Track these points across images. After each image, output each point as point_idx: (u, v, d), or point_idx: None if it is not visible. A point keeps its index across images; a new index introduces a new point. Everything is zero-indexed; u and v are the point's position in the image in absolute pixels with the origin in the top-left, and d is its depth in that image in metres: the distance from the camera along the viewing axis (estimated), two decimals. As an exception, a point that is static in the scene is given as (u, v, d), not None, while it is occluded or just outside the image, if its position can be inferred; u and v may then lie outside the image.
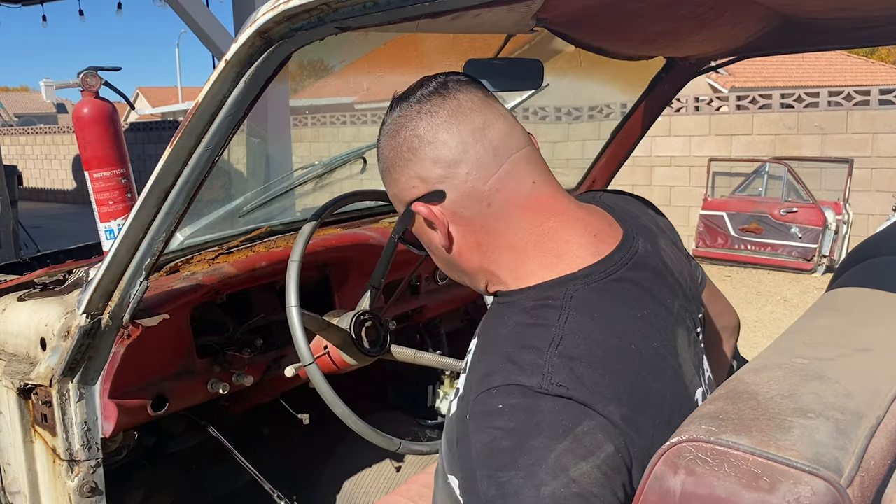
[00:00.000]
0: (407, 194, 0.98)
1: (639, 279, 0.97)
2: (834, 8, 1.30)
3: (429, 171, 0.95)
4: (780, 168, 8.40)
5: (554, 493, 0.77)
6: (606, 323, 0.90)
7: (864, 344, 0.99)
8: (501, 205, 0.95)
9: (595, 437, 0.81)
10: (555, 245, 0.95)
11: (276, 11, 0.97)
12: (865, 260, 1.41)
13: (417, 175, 0.96)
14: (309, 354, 1.40)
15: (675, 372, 0.96)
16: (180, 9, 7.40)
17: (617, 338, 0.90)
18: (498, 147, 0.94)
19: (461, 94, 0.96)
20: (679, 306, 1.03)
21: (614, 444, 0.82)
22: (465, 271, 1.02)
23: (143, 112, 24.62)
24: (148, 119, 21.28)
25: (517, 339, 0.88)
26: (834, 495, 0.70)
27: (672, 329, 0.99)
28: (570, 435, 0.80)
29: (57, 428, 1.41)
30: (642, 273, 0.98)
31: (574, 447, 0.79)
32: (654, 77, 1.99)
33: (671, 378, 0.94)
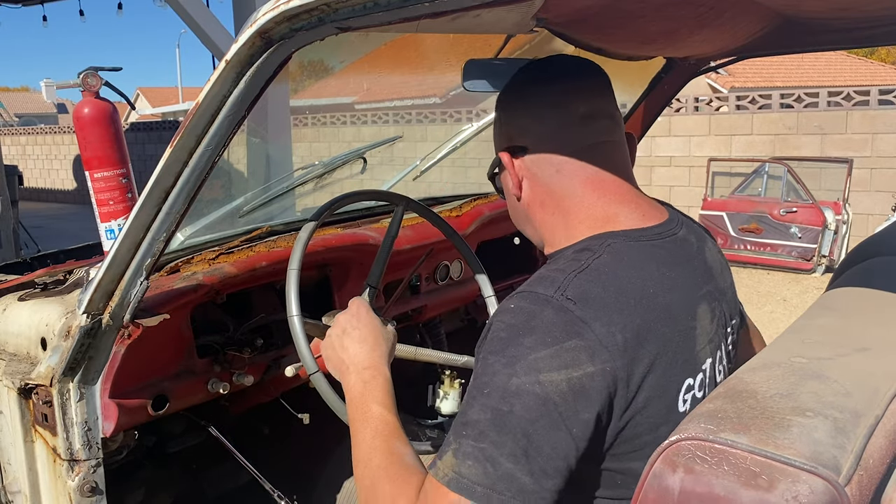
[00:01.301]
0: (501, 141, 1.18)
1: (673, 249, 1.09)
2: (834, 8, 1.30)
3: (521, 129, 1.14)
4: (779, 168, 8.40)
5: (519, 386, 0.90)
6: (633, 268, 1.01)
7: (863, 343, 0.99)
8: (568, 174, 1.10)
9: (577, 355, 0.91)
10: (604, 214, 1.08)
11: (277, 12, 0.97)
12: (865, 260, 1.42)
13: (512, 128, 1.15)
14: (313, 363, 1.40)
15: (687, 329, 1.03)
16: (180, 9, 7.40)
17: (640, 280, 1.00)
18: (583, 131, 1.10)
19: (573, 84, 1.14)
20: (708, 291, 1.12)
21: (598, 367, 0.91)
22: (529, 221, 1.17)
23: (143, 112, 24.63)
24: (148, 119, 21.28)
25: (551, 267, 1.02)
26: (832, 494, 0.71)
27: (696, 299, 1.08)
28: (556, 346, 0.91)
29: (57, 427, 1.41)
30: (677, 248, 1.10)
31: (554, 357, 0.91)
32: (654, 77, 1.99)
33: (681, 331, 1.02)
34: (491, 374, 0.93)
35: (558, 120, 1.11)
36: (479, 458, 0.89)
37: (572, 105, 1.11)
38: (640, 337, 0.95)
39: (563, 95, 1.12)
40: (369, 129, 12.61)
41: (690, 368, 1.03)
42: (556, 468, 0.89)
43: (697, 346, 1.05)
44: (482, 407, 0.92)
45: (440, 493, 0.91)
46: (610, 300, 0.95)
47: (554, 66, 1.18)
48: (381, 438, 1.06)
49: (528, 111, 1.14)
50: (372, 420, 1.10)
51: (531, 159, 1.12)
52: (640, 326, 0.96)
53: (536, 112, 1.13)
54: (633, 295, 0.98)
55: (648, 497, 0.80)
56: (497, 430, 0.90)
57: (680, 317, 1.03)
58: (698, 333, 1.05)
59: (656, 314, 0.99)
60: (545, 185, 1.11)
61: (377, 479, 1.01)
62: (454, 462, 0.91)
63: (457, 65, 1.63)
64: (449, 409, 1.88)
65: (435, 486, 0.92)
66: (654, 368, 0.96)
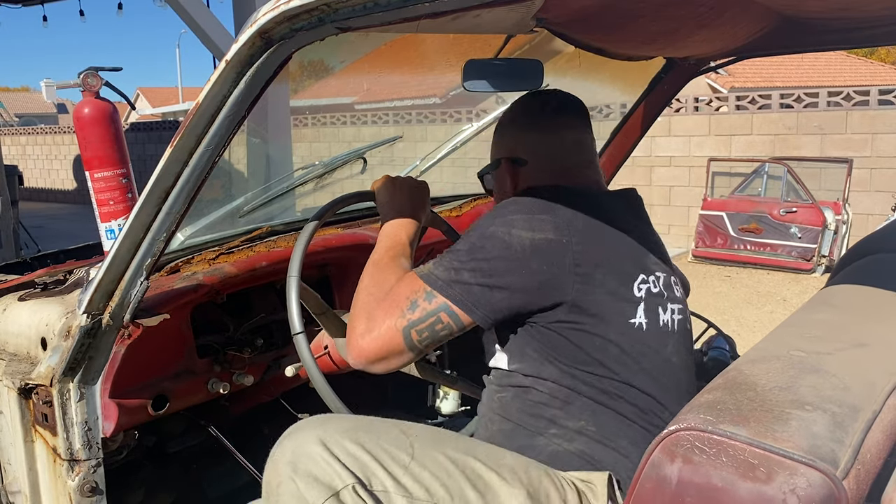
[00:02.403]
0: (502, 150, 1.49)
1: (638, 205, 1.47)
2: (834, 8, 1.30)
3: (524, 146, 1.46)
4: (779, 168, 8.40)
5: (494, 232, 1.24)
6: (599, 198, 1.38)
7: (861, 339, 1.00)
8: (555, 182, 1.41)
9: (544, 225, 1.25)
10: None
11: (277, 12, 0.97)
12: (864, 257, 1.42)
13: (516, 144, 1.47)
14: (300, 324, 1.39)
15: (641, 250, 1.35)
16: (181, 9, 7.40)
17: (607, 205, 1.37)
18: (570, 154, 1.45)
19: (567, 118, 1.46)
20: (659, 247, 1.43)
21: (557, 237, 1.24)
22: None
23: (143, 112, 24.63)
24: (148, 119, 21.28)
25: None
26: (829, 487, 0.71)
27: (651, 241, 1.40)
28: (529, 214, 1.26)
29: (57, 427, 1.41)
30: (640, 207, 1.47)
31: (526, 221, 1.25)
32: (653, 77, 1.99)
33: (635, 248, 1.34)
34: (478, 224, 1.28)
35: (555, 145, 1.44)
36: (449, 267, 1.24)
37: (568, 135, 1.45)
38: (598, 234, 1.29)
39: (563, 127, 1.45)
40: (369, 129, 12.61)
41: (642, 268, 1.33)
42: (501, 292, 1.21)
43: (650, 261, 1.35)
44: (464, 242, 1.26)
45: (412, 281, 1.25)
46: (578, 205, 1.29)
47: (556, 100, 1.48)
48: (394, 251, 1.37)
49: (532, 134, 1.45)
50: (398, 244, 1.39)
51: (529, 169, 1.45)
52: (599, 227, 1.29)
53: (539, 137, 1.45)
54: (597, 210, 1.31)
55: (646, 486, 0.80)
56: (468, 255, 1.24)
57: (636, 241, 1.34)
58: (650, 261, 1.35)
59: (617, 232, 1.32)
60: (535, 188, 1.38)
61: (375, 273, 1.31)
62: (432, 266, 1.25)
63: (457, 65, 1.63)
64: (449, 408, 1.88)
65: (411, 276, 1.26)
66: (608, 259, 1.27)
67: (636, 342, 1.28)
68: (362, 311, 1.26)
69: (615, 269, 1.28)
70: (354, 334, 1.24)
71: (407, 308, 1.21)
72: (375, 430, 1.16)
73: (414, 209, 1.49)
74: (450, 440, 1.21)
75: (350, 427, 1.14)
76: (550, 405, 1.27)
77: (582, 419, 1.26)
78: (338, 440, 1.10)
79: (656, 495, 0.80)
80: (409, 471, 1.10)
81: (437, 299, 1.21)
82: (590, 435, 1.26)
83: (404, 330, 1.21)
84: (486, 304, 1.21)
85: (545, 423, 1.28)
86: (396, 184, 1.54)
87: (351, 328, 1.25)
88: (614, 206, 1.39)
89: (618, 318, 1.27)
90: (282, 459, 1.12)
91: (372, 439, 1.12)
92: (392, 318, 1.22)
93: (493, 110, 2.48)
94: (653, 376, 1.28)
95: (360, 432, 1.13)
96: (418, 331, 1.21)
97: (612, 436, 1.26)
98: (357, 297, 1.30)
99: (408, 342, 1.21)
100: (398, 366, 1.26)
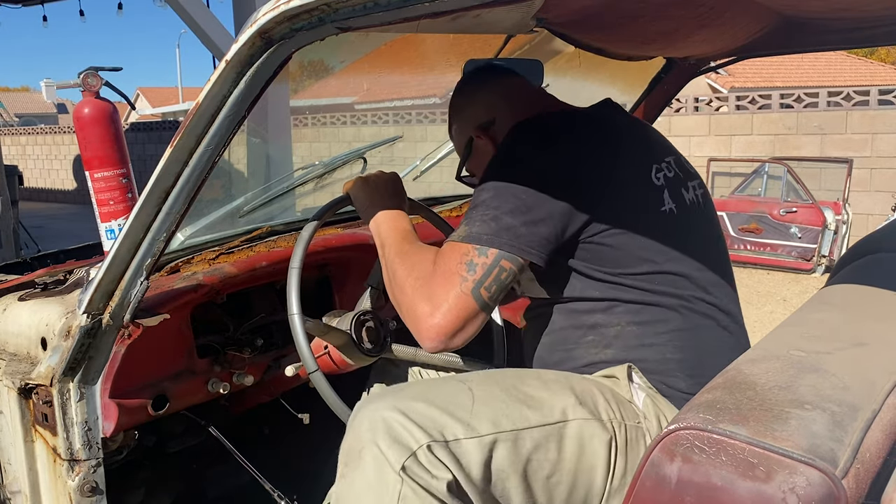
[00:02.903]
0: (468, 128, 1.52)
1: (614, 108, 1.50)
2: (834, 8, 1.30)
3: (487, 106, 1.50)
4: (779, 168, 8.40)
5: (511, 171, 1.28)
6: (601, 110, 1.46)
7: (861, 338, 1.00)
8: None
9: (556, 146, 1.31)
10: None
11: (277, 12, 0.97)
12: (864, 256, 1.42)
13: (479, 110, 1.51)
14: (313, 362, 1.40)
15: (649, 148, 1.42)
16: (180, 9, 7.40)
17: (608, 113, 1.46)
18: (528, 88, 1.53)
19: (494, 70, 1.56)
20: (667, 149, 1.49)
21: (577, 154, 1.30)
22: None
23: (143, 112, 24.62)
24: (148, 119, 21.27)
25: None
26: (829, 486, 0.71)
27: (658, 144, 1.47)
28: (537, 142, 1.33)
29: (57, 427, 1.41)
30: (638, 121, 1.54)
31: (537, 149, 1.31)
32: (654, 77, 1.99)
33: (633, 137, 1.42)
34: (490, 172, 1.30)
35: (504, 90, 1.50)
36: (485, 220, 1.24)
37: (507, 80, 1.52)
38: (604, 139, 1.34)
39: (499, 74, 1.54)
40: (369, 129, 12.60)
41: (653, 159, 1.38)
42: (545, 223, 1.24)
43: (656, 151, 1.42)
44: (485, 192, 1.27)
45: (454, 248, 1.25)
46: (573, 121, 1.38)
47: (475, 64, 1.58)
48: (409, 238, 1.38)
49: (481, 95, 1.51)
50: (407, 233, 1.40)
51: (499, 123, 1.48)
52: (603, 134, 1.36)
53: (487, 92, 1.51)
54: (592, 120, 1.40)
55: (646, 485, 0.80)
56: (499, 200, 1.24)
57: (637, 137, 1.42)
58: (657, 150, 1.42)
59: (619, 134, 1.38)
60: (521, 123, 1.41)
61: (405, 262, 1.31)
62: (466, 228, 1.25)
63: (457, 65, 1.63)
64: None
65: (451, 245, 1.26)
66: (623, 159, 1.33)
67: (672, 227, 1.34)
68: (418, 296, 1.25)
69: (633, 167, 1.34)
70: (421, 319, 1.23)
71: (466, 272, 1.22)
72: (437, 386, 1.23)
73: (398, 202, 1.49)
74: (499, 376, 1.29)
75: (418, 390, 1.22)
76: (594, 311, 1.34)
77: (622, 322, 1.32)
78: (409, 403, 1.16)
79: (656, 494, 0.80)
80: (474, 412, 1.16)
81: (491, 251, 1.23)
82: (627, 335, 1.32)
83: (473, 292, 1.22)
84: (537, 241, 1.24)
85: (584, 331, 1.35)
86: (370, 182, 1.53)
87: (414, 317, 1.25)
88: (603, 112, 1.45)
89: (651, 209, 1.33)
90: (361, 427, 1.17)
91: (438, 395, 1.18)
92: (455, 287, 1.22)
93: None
94: (692, 257, 1.34)
95: (428, 391, 1.20)
96: (486, 287, 1.23)
97: (650, 333, 1.32)
98: (401, 289, 1.29)
99: (480, 302, 1.23)
100: (475, 331, 1.26)
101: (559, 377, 1.28)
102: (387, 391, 1.26)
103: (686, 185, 1.43)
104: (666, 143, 1.51)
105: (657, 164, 1.39)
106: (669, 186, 1.37)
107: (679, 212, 1.36)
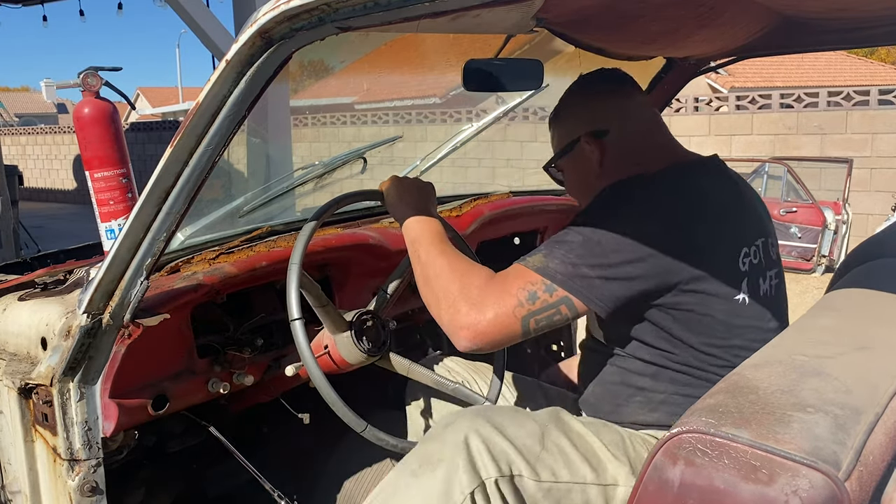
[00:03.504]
0: (577, 129, 1.51)
1: (727, 171, 1.50)
2: (834, 8, 1.30)
3: (603, 116, 1.49)
4: (779, 168, 8.39)
5: (607, 226, 1.28)
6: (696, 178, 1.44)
7: (863, 343, 1.00)
8: (642, 139, 1.49)
9: (654, 213, 1.31)
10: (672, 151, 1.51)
11: (277, 11, 0.97)
12: (865, 262, 1.42)
13: (595, 116, 1.50)
14: (314, 363, 1.41)
15: (740, 218, 1.41)
16: (180, 9, 7.40)
17: (707, 184, 1.43)
18: (645, 113, 1.52)
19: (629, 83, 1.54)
20: (754, 206, 1.48)
21: (671, 226, 1.30)
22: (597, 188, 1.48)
23: (143, 112, 24.64)
24: (148, 119, 21.29)
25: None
26: (832, 488, 0.71)
27: (745, 207, 1.45)
28: (637, 204, 1.33)
29: (57, 427, 1.41)
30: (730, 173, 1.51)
31: (636, 211, 1.32)
32: (654, 77, 1.99)
33: (734, 218, 1.39)
34: (587, 216, 1.32)
35: (630, 107, 1.50)
36: (566, 261, 1.27)
37: (636, 96, 1.52)
38: (702, 213, 1.33)
39: (631, 88, 1.52)
40: (369, 129, 12.61)
41: (744, 240, 1.38)
42: (620, 283, 1.26)
43: (749, 230, 1.42)
44: (575, 234, 1.30)
45: (523, 273, 1.29)
46: (678, 189, 1.36)
47: (613, 71, 1.54)
48: (448, 244, 1.42)
49: (610, 100, 1.50)
50: (440, 232, 1.44)
51: (613, 137, 1.47)
52: (702, 207, 1.35)
53: (616, 101, 1.50)
54: (697, 189, 1.38)
55: (649, 489, 0.80)
56: (584, 249, 1.27)
57: (735, 212, 1.40)
58: (750, 230, 1.41)
59: (718, 207, 1.37)
60: (626, 152, 1.46)
61: (453, 262, 1.36)
62: (544, 259, 1.29)
63: (457, 65, 1.63)
64: None
65: (520, 269, 1.30)
66: (714, 238, 1.32)
67: (740, 318, 1.35)
68: (462, 296, 1.29)
69: (722, 247, 1.34)
70: (459, 316, 1.28)
71: (525, 298, 1.27)
72: (520, 423, 1.31)
73: (427, 208, 1.52)
74: (568, 427, 1.34)
75: (502, 420, 1.30)
76: (643, 373, 1.39)
77: (669, 390, 1.37)
78: (492, 435, 1.26)
79: (659, 498, 0.80)
80: (540, 458, 1.26)
81: (557, 292, 1.27)
82: (673, 403, 1.37)
83: (524, 318, 1.27)
84: (608, 296, 1.28)
85: (633, 391, 1.40)
86: (404, 183, 1.56)
87: (453, 311, 1.30)
88: (709, 179, 1.44)
89: (724, 296, 1.33)
90: (448, 440, 1.27)
91: (518, 433, 1.28)
92: (507, 306, 1.27)
93: (493, 110, 2.48)
94: (749, 348, 1.33)
95: (509, 426, 1.29)
96: (537, 319, 1.28)
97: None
98: (443, 284, 1.33)
99: (524, 328, 1.28)
100: (506, 346, 1.38)
101: (619, 440, 1.35)
102: (477, 411, 1.34)
103: (765, 274, 1.43)
104: (764, 218, 1.50)
105: (747, 248, 1.39)
106: (750, 275, 1.37)
107: (750, 303, 1.36)
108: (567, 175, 1.58)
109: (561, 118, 1.57)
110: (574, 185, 1.58)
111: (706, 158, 1.50)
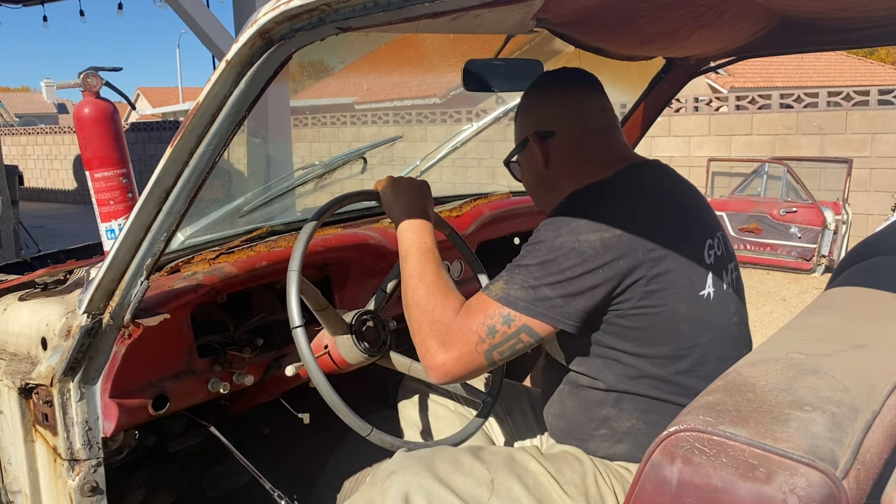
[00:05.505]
0: (526, 129, 1.50)
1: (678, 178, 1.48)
2: (834, 8, 1.30)
3: (551, 116, 1.47)
4: (779, 168, 8.40)
5: (563, 242, 1.26)
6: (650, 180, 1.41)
7: (860, 341, 1.00)
8: (588, 145, 1.46)
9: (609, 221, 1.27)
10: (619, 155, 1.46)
11: (277, 12, 0.97)
12: (864, 259, 1.42)
13: (542, 117, 1.48)
14: (315, 364, 1.41)
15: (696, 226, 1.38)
16: (181, 9, 7.40)
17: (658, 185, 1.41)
18: (598, 117, 1.47)
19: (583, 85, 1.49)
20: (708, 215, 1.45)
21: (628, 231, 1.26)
22: (552, 187, 1.48)
23: (143, 112, 24.63)
24: (149, 119, 21.29)
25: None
26: (829, 486, 0.71)
27: (702, 211, 1.43)
28: (592, 215, 1.28)
29: (58, 427, 1.41)
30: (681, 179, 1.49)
31: (591, 222, 1.27)
32: (653, 77, 1.99)
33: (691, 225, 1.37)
34: (540, 235, 1.30)
35: (578, 110, 1.46)
36: (525, 286, 1.26)
37: (589, 100, 1.47)
38: (660, 214, 1.32)
39: (582, 92, 1.48)
40: (369, 129, 12.60)
41: (708, 232, 1.37)
42: (583, 296, 1.25)
43: (709, 222, 1.41)
44: (531, 256, 1.28)
45: (485, 304, 1.28)
46: (632, 194, 1.35)
47: (570, 72, 1.51)
48: (432, 264, 1.39)
49: (556, 104, 1.47)
50: (428, 250, 1.42)
51: (557, 139, 1.46)
52: (659, 207, 1.33)
53: (563, 105, 1.47)
54: (651, 192, 1.37)
55: (646, 487, 0.80)
56: (542, 270, 1.26)
57: (693, 209, 1.40)
58: (710, 222, 1.41)
59: (675, 205, 1.37)
60: (571, 155, 1.45)
61: (429, 292, 1.34)
62: (504, 286, 1.28)
63: (457, 65, 1.63)
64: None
65: (484, 300, 1.29)
66: (676, 236, 1.30)
67: (705, 313, 1.33)
68: (432, 334, 1.31)
69: (689, 244, 1.33)
70: (430, 355, 1.30)
71: (486, 333, 1.27)
72: (464, 471, 1.30)
73: (423, 208, 1.51)
74: (522, 469, 1.32)
75: (446, 471, 1.29)
76: (604, 403, 1.36)
77: (632, 419, 1.35)
78: (434, 486, 1.26)
79: (656, 496, 0.80)
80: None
81: (515, 322, 1.26)
82: (638, 433, 1.35)
83: (486, 353, 1.28)
84: (572, 313, 1.26)
85: (596, 424, 1.38)
86: (401, 183, 1.56)
87: (424, 349, 1.31)
88: (668, 179, 1.44)
89: (689, 293, 1.31)
90: (390, 490, 1.28)
91: (463, 484, 1.27)
92: (469, 344, 1.28)
93: (493, 110, 2.48)
94: (716, 344, 1.34)
95: (453, 476, 1.28)
96: (500, 351, 1.29)
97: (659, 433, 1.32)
98: (418, 316, 1.34)
99: (489, 361, 1.30)
100: (478, 376, 1.44)
101: (581, 477, 1.33)
102: (421, 460, 1.32)
103: (727, 266, 1.41)
104: (714, 215, 1.49)
105: (711, 240, 1.38)
106: (715, 268, 1.36)
107: (715, 297, 1.34)
108: (522, 173, 1.58)
109: (517, 116, 1.56)
110: (526, 183, 1.58)
111: (654, 161, 1.49)
